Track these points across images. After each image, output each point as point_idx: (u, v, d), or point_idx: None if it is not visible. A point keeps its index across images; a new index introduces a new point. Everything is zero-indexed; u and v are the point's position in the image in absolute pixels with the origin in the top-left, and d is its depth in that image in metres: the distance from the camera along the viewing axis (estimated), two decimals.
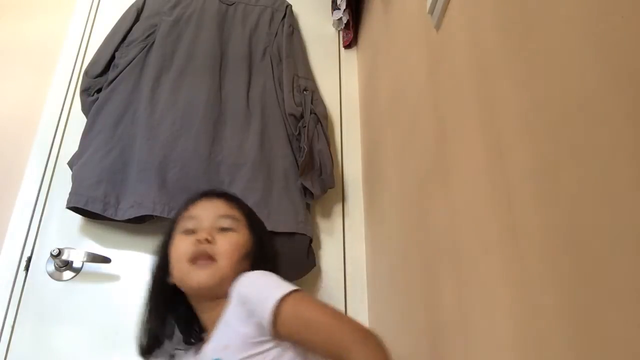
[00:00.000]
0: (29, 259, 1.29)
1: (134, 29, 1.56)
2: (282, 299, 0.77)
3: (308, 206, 1.37)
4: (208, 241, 0.88)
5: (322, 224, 1.43)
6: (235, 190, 1.31)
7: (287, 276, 1.23)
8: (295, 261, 1.27)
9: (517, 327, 0.57)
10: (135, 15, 1.58)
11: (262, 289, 0.82)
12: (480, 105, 0.70)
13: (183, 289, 0.91)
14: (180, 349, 0.94)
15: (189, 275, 0.88)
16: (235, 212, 0.96)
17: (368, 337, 0.75)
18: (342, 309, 1.33)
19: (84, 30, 1.63)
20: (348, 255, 1.40)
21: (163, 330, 0.92)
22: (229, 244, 0.90)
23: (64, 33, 1.62)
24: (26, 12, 1.56)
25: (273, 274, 0.86)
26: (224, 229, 0.92)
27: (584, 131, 0.46)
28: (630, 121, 0.40)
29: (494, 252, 0.64)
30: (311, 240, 1.31)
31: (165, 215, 1.26)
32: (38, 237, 1.32)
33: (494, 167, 0.65)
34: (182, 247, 0.90)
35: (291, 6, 1.70)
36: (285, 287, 0.79)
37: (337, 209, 1.45)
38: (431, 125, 0.91)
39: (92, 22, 1.65)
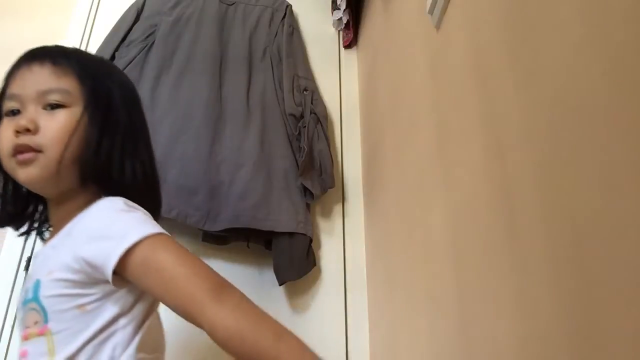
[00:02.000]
0: (29, 259, 1.29)
1: (133, 29, 1.55)
2: (136, 244, 0.65)
3: (308, 206, 1.37)
4: (29, 130, 0.71)
5: (322, 224, 1.43)
6: (235, 190, 1.32)
7: (287, 276, 1.26)
8: (295, 261, 1.28)
9: (517, 327, 0.57)
10: (135, 15, 1.58)
11: (113, 227, 0.68)
12: (480, 105, 0.70)
13: None
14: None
15: (14, 172, 0.73)
16: (65, 81, 0.74)
17: (225, 295, 0.63)
18: (342, 308, 1.33)
19: (84, 30, 1.63)
20: (348, 255, 1.40)
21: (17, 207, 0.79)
22: (56, 127, 0.72)
23: (64, 33, 1.62)
24: (26, 12, 1.56)
25: (132, 208, 0.71)
26: (51, 107, 0.73)
27: (584, 131, 0.46)
28: (630, 121, 0.40)
29: (494, 252, 0.64)
30: (311, 240, 1.31)
31: (165, 215, 1.26)
32: (38, 237, 1.32)
33: (494, 167, 0.65)
34: (4, 136, 0.73)
35: (291, 6, 1.70)
36: (142, 228, 0.67)
37: (337, 209, 1.45)
38: (431, 125, 0.91)
39: (92, 22, 1.65)
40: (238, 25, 1.62)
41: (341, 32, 1.74)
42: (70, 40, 1.61)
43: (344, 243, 1.41)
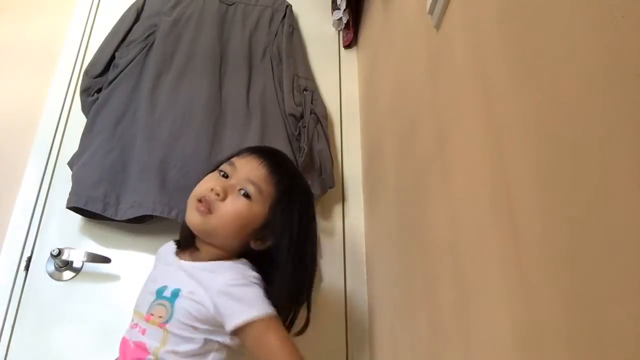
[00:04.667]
0: (29, 259, 1.29)
1: (133, 29, 1.56)
2: (255, 319, 0.84)
3: None
4: (218, 195, 0.91)
5: (322, 224, 1.42)
6: None
7: None
8: None
9: (516, 327, 0.57)
10: (135, 15, 1.58)
11: (245, 294, 0.87)
12: (480, 105, 0.70)
13: None
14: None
15: (188, 210, 0.94)
16: (267, 187, 0.93)
17: None
18: (342, 309, 1.33)
19: (84, 30, 1.63)
20: (348, 255, 1.40)
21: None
22: (232, 209, 0.91)
23: (64, 33, 1.62)
24: (26, 12, 1.56)
25: (259, 282, 0.89)
26: (243, 194, 0.92)
27: (585, 131, 0.46)
28: (630, 121, 0.40)
29: (494, 252, 0.64)
30: None
31: (165, 215, 1.26)
32: (38, 237, 1.32)
33: (494, 167, 0.65)
34: (204, 184, 0.95)
35: (291, 6, 1.70)
36: (263, 306, 0.85)
37: (337, 209, 1.45)
38: (431, 125, 0.91)
39: (92, 22, 1.65)
40: (238, 25, 1.62)
41: (341, 32, 1.74)
42: (70, 40, 1.61)
43: (344, 243, 1.41)
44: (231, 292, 0.86)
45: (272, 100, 1.49)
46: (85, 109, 1.45)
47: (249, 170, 0.94)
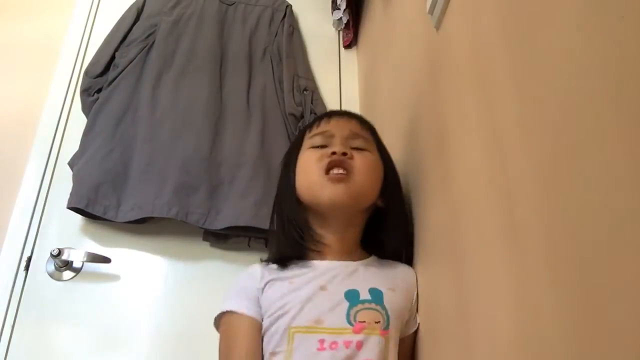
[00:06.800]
0: (29, 259, 1.29)
1: (134, 28, 1.56)
2: None
3: None
4: (344, 154, 0.83)
5: None
6: (236, 189, 1.32)
7: None
8: None
9: (517, 326, 0.57)
10: (135, 15, 1.58)
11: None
12: (480, 105, 0.70)
13: (311, 204, 0.85)
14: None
15: (321, 190, 0.82)
16: (368, 134, 0.92)
17: None
18: None
19: (84, 30, 1.63)
20: None
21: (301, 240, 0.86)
22: (366, 161, 0.85)
23: (64, 33, 1.62)
24: (26, 12, 1.56)
25: None
26: (357, 149, 0.87)
27: (584, 131, 0.46)
28: (630, 121, 0.41)
29: (494, 252, 0.64)
30: None
31: (164, 216, 1.26)
32: (38, 237, 1.32)
33: (494, 167, 0.65)
34: (313, 159, 0.85)
35: (291, 6, 1.70)
36: None
37: None
38: (431, 125, 0.91)
39: (92, 22, 1.65)
40: (238, 25, 1.62)
41: (341, 32, 1.74)
42: (70, 40, 1.61)
43: None
44: (413, 290, 0.87)
45: (273, 100, 1.49)
46: (86, 109, 1.45)
47: (344, 128, 0.89)
